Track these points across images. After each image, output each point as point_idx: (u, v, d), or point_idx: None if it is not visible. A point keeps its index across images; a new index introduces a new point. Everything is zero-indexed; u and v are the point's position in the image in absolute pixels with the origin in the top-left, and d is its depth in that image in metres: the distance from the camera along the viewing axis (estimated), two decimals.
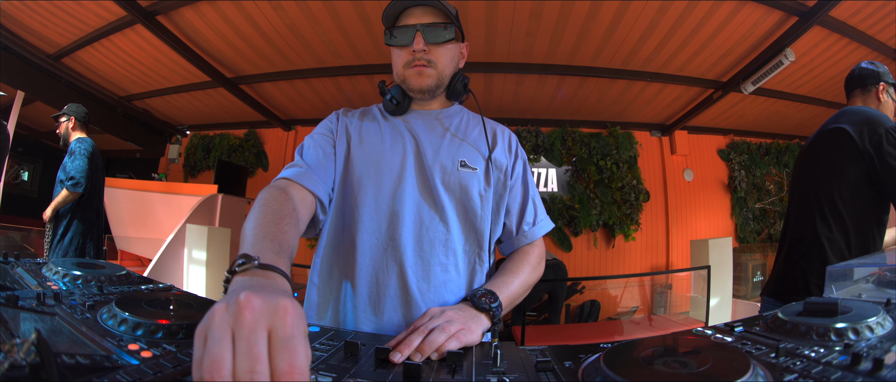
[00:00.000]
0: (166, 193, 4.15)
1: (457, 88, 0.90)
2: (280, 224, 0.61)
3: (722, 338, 0.54)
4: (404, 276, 0.79)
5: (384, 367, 0.48)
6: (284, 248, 0.57)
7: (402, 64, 0.87)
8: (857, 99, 1.47)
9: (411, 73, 0.86)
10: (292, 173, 0.78)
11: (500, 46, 3.35)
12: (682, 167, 4.95)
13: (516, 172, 0.92)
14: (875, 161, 1.25)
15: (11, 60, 3.83)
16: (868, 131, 1.28)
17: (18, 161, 6.44)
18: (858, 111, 1.37)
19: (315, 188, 0.79)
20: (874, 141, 1.26)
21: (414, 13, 0.85)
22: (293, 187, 0.76)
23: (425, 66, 0.85)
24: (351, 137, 0.88)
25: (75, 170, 2.60)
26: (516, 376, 0.46)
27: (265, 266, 0.48)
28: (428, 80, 0.86)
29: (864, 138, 1.28)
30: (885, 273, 0.75)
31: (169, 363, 0.39)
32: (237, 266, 0.47)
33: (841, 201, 1.30)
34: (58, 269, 0.71)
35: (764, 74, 3.35)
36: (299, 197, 0.75)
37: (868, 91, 1.45)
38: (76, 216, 2.67)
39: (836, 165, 1.34)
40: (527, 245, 0.89)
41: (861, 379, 0.35)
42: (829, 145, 1.39)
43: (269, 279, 0.46)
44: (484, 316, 0.69)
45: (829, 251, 1.29)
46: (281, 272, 0.48)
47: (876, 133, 1.26)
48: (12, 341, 0.31)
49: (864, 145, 1.27)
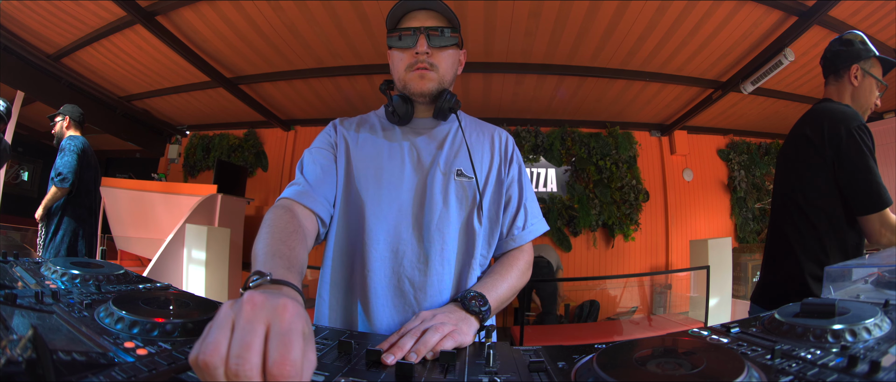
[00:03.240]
0: (166, 193, 4.15)
1: (444, 108, 0.89)
2: (288, 242, 0.65)
3: (718, 339, 0.54)
4: (402, 287, 0.81)
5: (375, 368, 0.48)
6: (294, 264, 0.60)
7: (404, 67, 0.87)
8: (831, 86, 1.39)
9: (413, 76, 0.86)
10: (294, 193, 0.81)
11: (499, 46, 3.35)
12: (681, 167, 4.95)
13: (511, 174, 0.93)
14: (835, 167, 1.20)
15: (11, 60, 3.84)
16: (828, 136, 1.23)
17: (18, 161, 6.44)
18: (821, 113, 1.31)
19: (315, 207, 0.81)
20: (834, 144, 1.21)
21: (418, 16, 0.85)
22: (296, 207, 0.79)
23: (427, 69, 0.86)
24: (350, 149, 0.89)
25: (63, 166, 2.62)
26: (508, 376, 0.46)
27: (277, 281, 0.51)
28: (430, 83, 0.86)
29: (824, 144, 1.23)
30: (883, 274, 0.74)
31: (164, 360, 0.40)
32: (251, 283, 0.50)
33: (810, 206, 1.26)
34: (56, 268, 0.71)
35: (763, 74, 3.35)
36: (303, 215, 0.78)
37: (840, 77, 1.36)
38: (67, 213, 2.68)
39: (801, 171, 1.30)
40: (516, 250, 0.90)
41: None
42: (795, 151, 1.35)
43: (281, 291, 0.48)
44: (473, 319, 0.70)
45: (803, 258, 1.25)
46: (292, 285, 0.51)
47: (836, 136, 1.21)
48: (9, 337, 0.31)
49: (825, 150, 1.23)
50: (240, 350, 0.32)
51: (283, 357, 0.32)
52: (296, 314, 0.35)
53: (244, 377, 0.31)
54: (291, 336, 0.33)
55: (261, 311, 0.35)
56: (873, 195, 1.16)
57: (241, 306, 0.35)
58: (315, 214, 0.81)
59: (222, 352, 0.32)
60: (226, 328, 0.34)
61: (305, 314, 0.37)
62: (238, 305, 0.35)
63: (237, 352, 0.32)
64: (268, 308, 0.35)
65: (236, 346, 0.32)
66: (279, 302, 0.36)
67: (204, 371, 0.32)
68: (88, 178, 2.79)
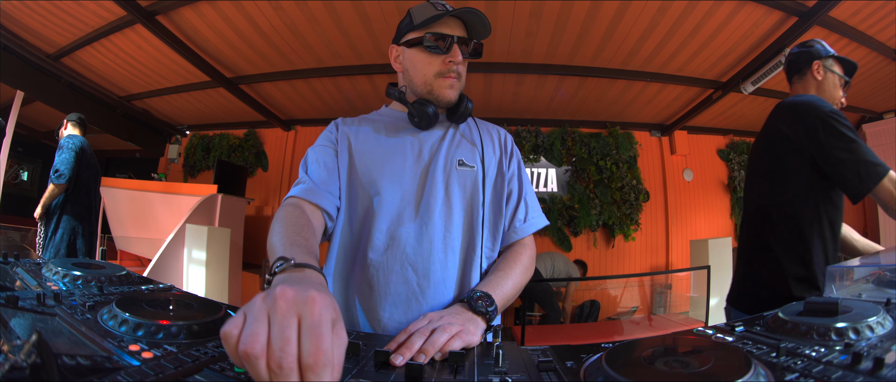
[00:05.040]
0: (166, 193, 4.14)
1: (465, 114, 0.91)
2: (302, 233, 0.68)
3: (723, 338, 0.54)
4: (405, 274, 0.81)
5: (384, 369, 0.48)
6: (311, 252, 0.63)
7: (433, 72, 0.86)
8: (797, 85, 1.39)
9: (443, 84, 0.87)
10: (300, 191, 0.82)
11: (499, 46, 3.35)
12: (681, 167, 4.95)
13: (512, 169, 0.94)
14: (817, 156, 1.17)
15: (11, 60, 3.83)
16: (803, 127, 1.20)
17: (18, 161, 6.43)
18: (790, 105, 1.28)
19: (322, 202, 0.82)
20: (811, 135, 1.17)
21: (454, 23, 0.85)
22: (304, 204, 0.80)
23: (456, 79, 0.87)
24: (352, 146, 0.90)
25: (61, 163, 2.62)
26: (519, 376, 0.46)
27: (300, 265, 0.54)
28: (456, 93, 0.89)
29: (800, 136, 1.20)
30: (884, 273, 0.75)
31: (170, 363, 0.39)
32: (276, 268, 0.53)
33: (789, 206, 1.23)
34: (57, 269, 0.71)
35: (764, 75, 3.35)
36: (311, 212, 0.79)
37: (804, 74, 1.37)
38: (66, 211, 2.68)
39: (777, 172, 1.27)
40: (519, 246, 0.90)
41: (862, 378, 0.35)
42: (770, 151, 1.31)
43: (305, 275, 0.52)
44: (480, 319, 0.70)
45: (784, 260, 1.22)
46: (315, 268, 0.54)
47: (811, 127, 1.18)
48: (13, 342, 0.31)
49: (801, 142, 1.19)
50: (281, 343, 0.34)
51: (317, 349, 0.35)
52: (324, 306, 0.38)
53: (286, 367, 0.34)
54: (321, 328, 0.36)
55: (293, 305, 0.37)
56: (866, 174, 1.11)
57: (274, 299, 0.37)
58: (322, 210, 0.82)
59: (263, 343, 0.35)
60: (263, 320, 0.36)
61: (332, 301, 0.40)
62: (271, 298, 0.37)
63: (279, 345, 0.34)
64: (298, 303, 0.37)
65: (277, 340, 0.35)
66: (309, 296, 0.38)
67: (245, 360, 0.34)
68: (87, 176, 2.79)
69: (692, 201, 4.91)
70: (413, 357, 0.53)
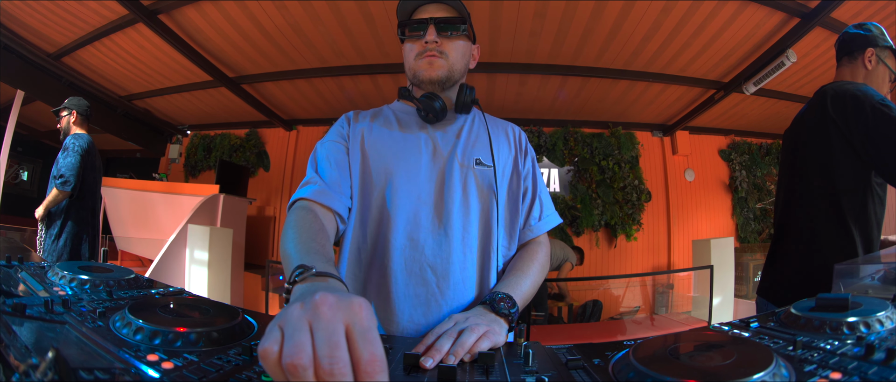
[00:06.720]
0: (167, 193, 4.13)
1: (465, 102, 0.89)
2: (318, 239, 0.65)
3: (739, 334, 0.57)
4: (424, 276, 0.79)
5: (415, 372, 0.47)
6: (329, 259, 0.60)
7: (413, 56, 0.87)
8: (845, 68, 1.34)
9: (422, 63, 0.86)
10: (310, 193, 0.79)
11: (503, 46, 3.35)
12: (683, 167, 4.95)
13: (527, 166, 0.93)
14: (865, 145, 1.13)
15: (11, 60, 3.82)
16: (853, 116, 1.16)
17: (18, 161, 6.41)
18: (839, 93, 1.24)
19: (334, 205, 0.79)
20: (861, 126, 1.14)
21: (428, 9, 0.87)
22: (316, 207, 0.77)
23: (436, 56, 0.86)
24: (365, 141, 0.88)
25: (66, 168, 2.49)
26: (553, 374, 0.46)
27: (321, 273, 0.51)
28: (439, 70, 0.86)
29: (850, 126, 1.16)
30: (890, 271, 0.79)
31: (194, 374, 0.38)
32: (296, 276, 0.51)
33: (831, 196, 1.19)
34: (64, 273, 0.69)
35: (765, 75, 3.35)
36: (323, 215, 0.77)
37: (854, 59, 1.31)
38: (70, 217, 2.56)
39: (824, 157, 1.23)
40: (534, 244, 0.90)
41: (875, 368, 0.37)
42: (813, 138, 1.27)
43: (329, 284, 0.50)
44: (503, 320, 0.69)
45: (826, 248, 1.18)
46: (336, 277, 0.52)
47: (861, 115, 1.14)
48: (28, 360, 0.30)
49: (851, 133, 1.16)
50: (329, 349, 0.33)
51: (373, 355, 0.33)
52: (371, 312, 0.36)
53: (339, 375, 0.32)
54: (373, 333, 0.35)
55: (338, 312, 0.35)
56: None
57: (314, 306, 0.35)
58: (334, 212, 0.80)
59: (309, 352, 0.33)
60: (304, 330, 0.34)
61: (372, 308, 0.39)
62: (310, 305, 0.36)
63: (327, 352, 0.32)
64: (344, 309, 0.36)
65: (324, 347, 0.33)
66: (354, 301, 0.36)
67: (291, 374, 0.32)
68: (92, 179, 2.68)
69: (694, 201, 4.91)
70: (443, 360, 0.53)
